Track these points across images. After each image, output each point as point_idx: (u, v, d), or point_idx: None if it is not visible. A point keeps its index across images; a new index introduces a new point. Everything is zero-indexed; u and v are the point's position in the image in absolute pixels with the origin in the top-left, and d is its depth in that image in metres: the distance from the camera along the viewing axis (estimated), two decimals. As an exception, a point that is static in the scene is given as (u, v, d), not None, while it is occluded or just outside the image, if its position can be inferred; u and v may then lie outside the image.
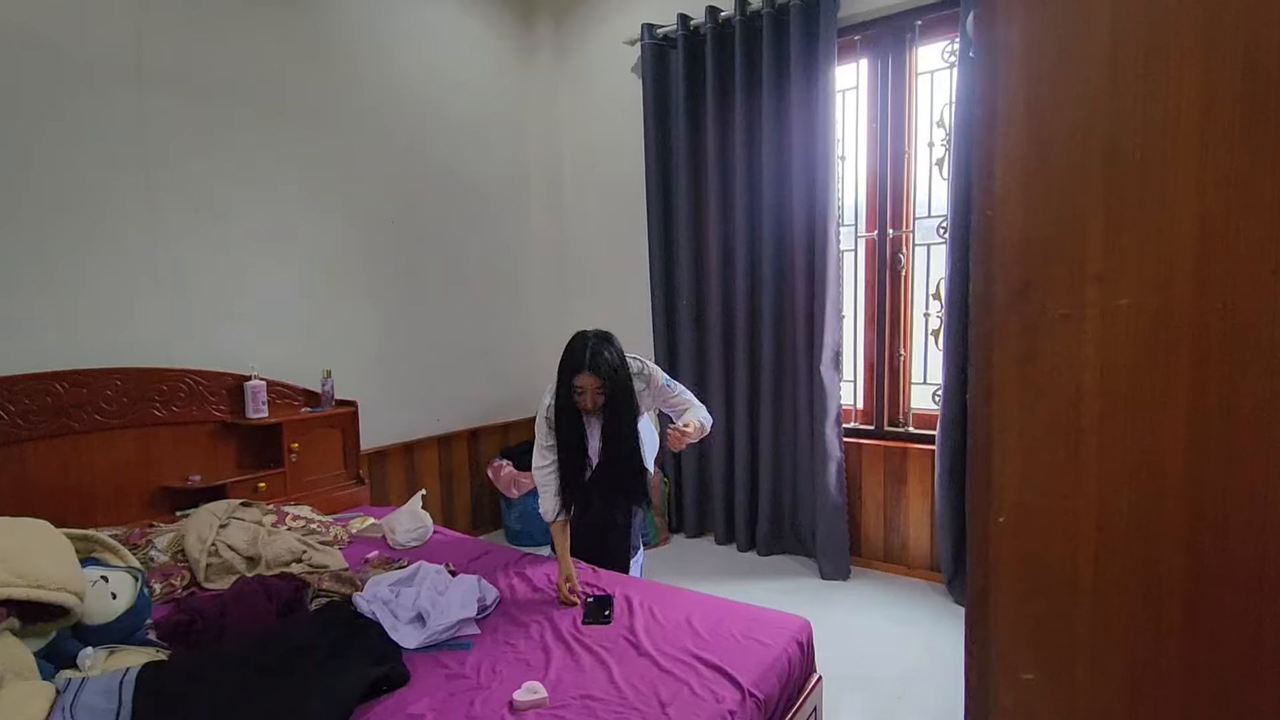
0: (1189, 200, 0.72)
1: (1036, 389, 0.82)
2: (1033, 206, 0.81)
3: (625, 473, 2.14)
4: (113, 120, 2.35)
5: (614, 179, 3.84)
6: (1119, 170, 0.75)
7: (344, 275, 3.09)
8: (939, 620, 2.69)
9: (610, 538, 2.29)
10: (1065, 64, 0.77)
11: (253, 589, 1.81)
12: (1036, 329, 0.82)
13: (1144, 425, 0.77)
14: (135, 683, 1.40)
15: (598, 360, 1.92)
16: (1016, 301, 0.83)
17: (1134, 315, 0.77)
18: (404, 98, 3.31)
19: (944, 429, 2.79)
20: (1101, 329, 0.78)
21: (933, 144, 2.99)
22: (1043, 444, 0.83)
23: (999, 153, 0.81)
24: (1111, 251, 0.77)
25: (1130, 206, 0.75)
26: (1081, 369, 0.80)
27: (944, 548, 2.85)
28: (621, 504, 2.25)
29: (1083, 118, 0.76)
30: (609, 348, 1.97)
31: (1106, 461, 0.79)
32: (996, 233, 0.83)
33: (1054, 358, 0.81)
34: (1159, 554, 0.77)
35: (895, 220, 3.11)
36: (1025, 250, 0.81)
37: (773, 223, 3.21)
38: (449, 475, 3.59)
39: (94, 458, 2.27)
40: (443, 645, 1.70)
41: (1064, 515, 0.82)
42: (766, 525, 3.37)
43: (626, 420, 2.06)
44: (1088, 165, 0.77)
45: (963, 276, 2.71)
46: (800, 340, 3.17)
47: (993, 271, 0.84)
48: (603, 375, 1.92)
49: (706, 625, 1.77)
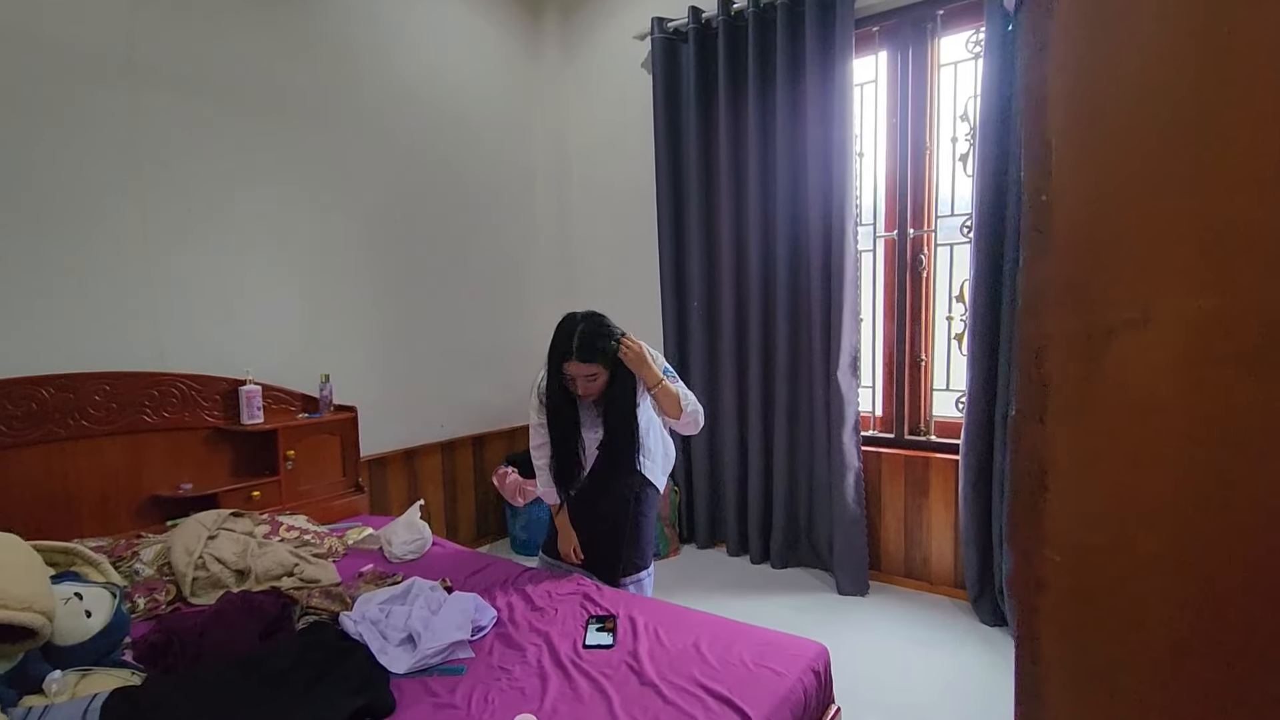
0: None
1: (1100, 407, 0.70)
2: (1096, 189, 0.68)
3: (623, 469, 2.03)
4: (103, 117, 2.28)
5: (623, 178, 3.73)
6: (1205, 145, 0.62)
7: (343, 277, 3.00)
8: (965, 642, 2.54)
9: (615, 542, 2.14)
10: (1139, 13, 0.64)
11: (235, 607, 1.71)
12: (1100, 335, 0.69)
13: (1229, 451, 0.64)
14: (101, 710, 1.30)
15: (587, 346, 1.81)
16: (1075, 303, 0.70)
17: (1218, 319, 0.64)
18: (406, 95, 3.22)
19: (969, 438, 2.64)
20: (1179, 335, 0.65)
21: (956, 139, 2.85)
22: (1107, 471, 0.70)
23: (1055, 125, 0.69)
24: (1192, 243, 0.64)
25: (1217, 189, 0.62)
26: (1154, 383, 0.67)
27: (969, 564, 2.70)
28: (620, 505, 2.09)
29: (1161, 81, 0.63)
30: (601, 330, 1.85)
31: (1184, 494, 0.66)
32: (1054, 221, 0.70)
33: (1121, 370, 0.68)
34: (1252, 608, 0.64)
35: (916, 219, 2.97)
36: (1086, 242, 0.69)
37: (788, 222, 3.08)
38: (452, 482, 3.49)
39: (80, 465, 2.20)
40: (433, 670, 1.60)
41: (1132, 556, 0.69)
42: (781, 537, 3.24)
43: (624, 409, 1.94)
44: (1166, 139, 0.64)
45: (989, 278, 2.57)
46: (816, 344, 3.04)
47: (1047, 268, 0.71)
48: (594, 362, 1.82)
49: (716, 651, 1.64)
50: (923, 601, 2.88)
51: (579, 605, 1.91)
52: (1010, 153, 2.49)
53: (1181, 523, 0.67)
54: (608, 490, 2.07)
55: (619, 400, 1.95)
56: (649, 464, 2.08)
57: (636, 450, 2.01)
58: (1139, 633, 0.70)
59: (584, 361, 1.82)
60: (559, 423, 1.98)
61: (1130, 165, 0.66)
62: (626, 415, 1.98)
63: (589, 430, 2.05)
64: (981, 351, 2.61)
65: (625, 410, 1.97)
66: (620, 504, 2.08)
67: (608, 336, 1.86)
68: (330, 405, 2.79)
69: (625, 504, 2.08)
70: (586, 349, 1.82)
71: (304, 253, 2.85)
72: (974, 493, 2.65)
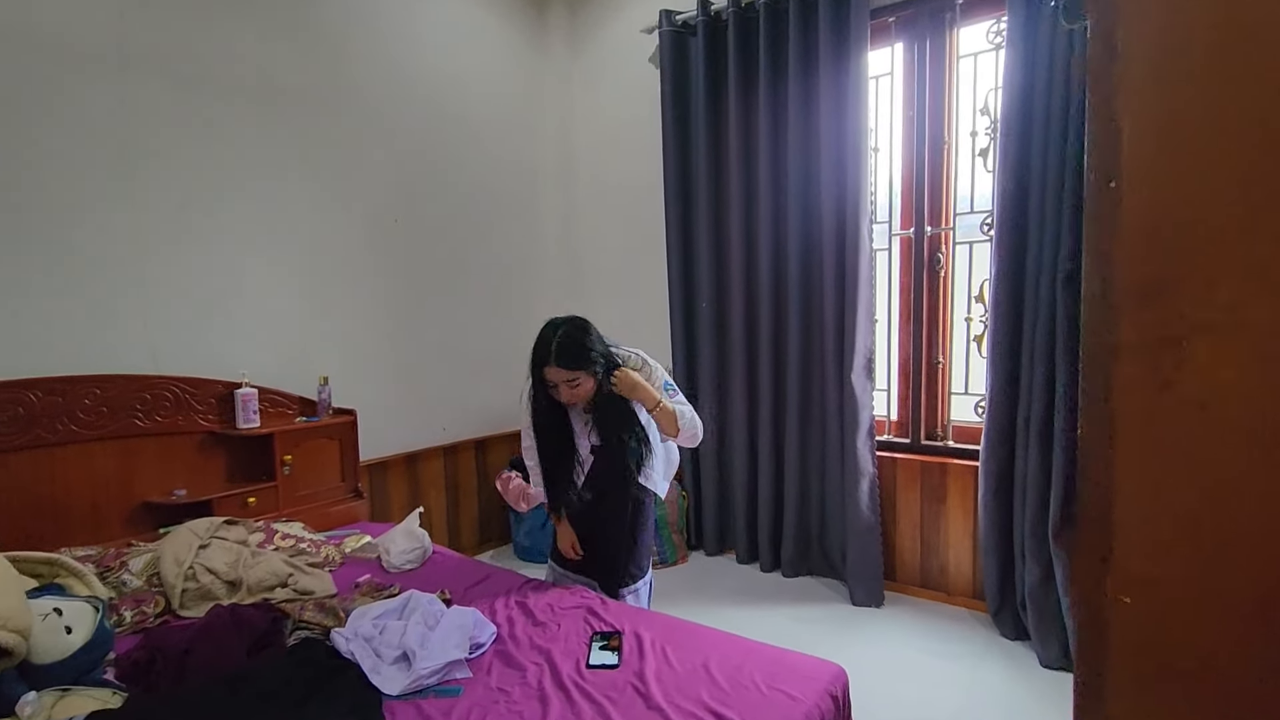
0: None
1: (1178, 425, 0.60)
2: (1174, 174, 0.59)
3: (619, 476, 1.96)
4: (94, 111, 2.21)
5: (630, 176, 3.64)
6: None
7: (343, 277, 2.93)
8: (985, 656, 2.44)
9: (613, 551, 2.07)
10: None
11: (222, 621, 1.63)
12: (1179, 343, 0.60)
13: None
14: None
15: (565, 350, 1.75)
16: (1149, 305, 0.61)
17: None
18: (407, 90, 3.14)
19: (989, 444, 2.54)
20: (1275, 344, 0.56)
21: (976, 133, 2.74)
22: (1184, 499, 0.61)
23: (1128, 95, 0.59)
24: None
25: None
26: (1242, 399, 0.58)
27: (989, 575, 2.59)
28: (617, 511, 2.03)
29: (1263, 45, 0.54)
30: (582, 335, 1.79)
31: (1275, 528, 0.57)
32: (1123, 211, 0.61)
33: (1203, 383, 0.59)
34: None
35: (934, 217, 2.86)
36: (1164, 234, 0.60)
37: (800, 220, 2.98)
38: (455, 487, 3.41)
39: (70, 471, 2.13)
40: (429, 691, 1.51)
41: (1214, 597, 0.60)
42: (792, 545, 3.14)
43: (617, 416, 1.86)
44: (1261, 117, 0.54)
45: (1010, 277, 2.47)
46: (829, 346, 2.94)
47: (1115, 264, 0.62)
48: (574, 368, 1.75)
49: (726, 671, 1.55)
50: (940, 613, 2.78)
51: (582, 620, 1.83)
52: (1034, 147, 2.39)
53: (1272, 561, 0.57)
54: (606, 497, 2.00)
55: (610, 407, 1.87)
56: (649, 471, 2.00)
57: (633, 457, 1.93)
58: (1221, 683, 0.61)
59: (563, 367, 1.75)
60: (549, 435, 1.92)
61: (1221, 143, 0.56)
62: (621, 421, 1.89)
63: (582, 439, 1.97)
64: (1002, 354, 2.50)
65: (618, 416, 1.89)
66: (618, 510, 2.01)
67: (587, 347, 1.78)
68: (329, 408, 2.72)
69: (623, 510, 2.01)
70: (566, 354, 1.75)
71: (302, 252, 2.78)
72: (995, 500, 2.55)
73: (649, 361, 1.97)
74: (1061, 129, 2.30)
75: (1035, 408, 2.40)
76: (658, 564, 3.31)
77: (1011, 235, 2.46)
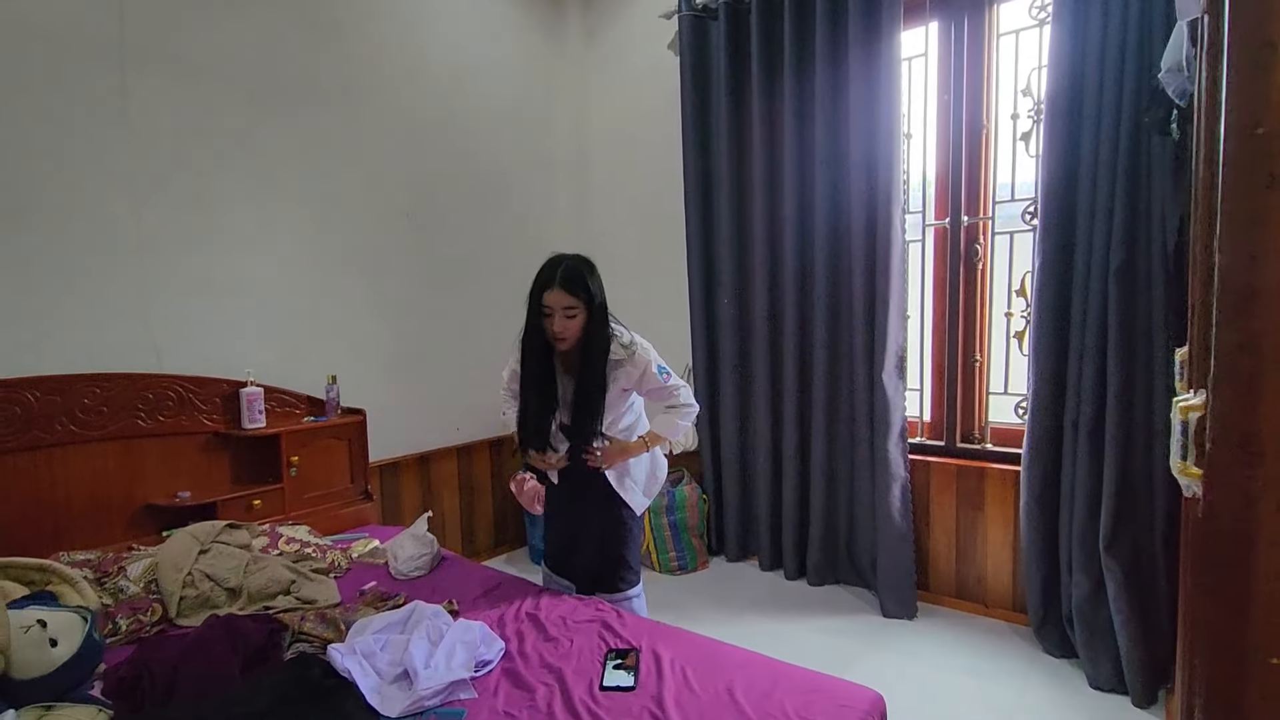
0: None
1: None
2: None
3: (592, 484, 1.95)
4: (93, 103, 2.14)
5: (649, 167, 3.52)
6: None
7: (352, 273, 2.84)
8: (1028, 674, 2.28)
9: (592, 565, 2.02)
10: None
11: (216, 634, 1.54)
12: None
13: None
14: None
15: (570, 275, 1.76)
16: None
17: None
18: (418, 81, 3.05)
19: (1032, 447, 2.37)
20: None
21: (1017, 116, 2.57)
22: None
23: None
24: None
25: None
26: None
27: (1031, 586, 2.43)
28: (593, 527, 2.00)
29: None
30: (587, 270, 1.81)
31: None
32: None
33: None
34: None
35: (971, 206, 2.70)
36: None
37: (827, 211, 2.83)
38: (469, 488, 3.32)
39: (70, 473, 2.06)
40: (429, 712, 1.41)
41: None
42: (818, 551, 2.99)
43: (598, 370, 1.82)
44: None
45: (1056, 268, 2.30)
46: (859, 343, 2.79)
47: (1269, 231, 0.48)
48: (575, 295, 1.75)
49: (753, 698, 1.42)
50: (977, 626, 2.62)
51: (597, 636, 1.71)
52: (1083, 129, 2.22)
53: None
54: (579, 501, 1.99)
55: (590, 380, 1.83)
56: (629, 482, 1.96)
57: (600, 422, 1.86)
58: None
59: (565, 290, 1.75)
60: (534, 376, 1.87)
61: None
62: (592, 409, 1.85)
63: (563, 408, 1.91)
64: (1047, 351, 2.33)
65: (594, 392, 1.84)
66: (592, 520, 1.99)
67: (590, 280, 1.79)
68: (338, 408, 2.63)
69: (598, 521, 1.99)
70: (570, 278, 1.76)
71: (310, 248, 2.70)
72: (1038, 508, 2.38)
73: (638, 340, 1.91)
74: (1114, 107, 2.13)
75: (1085, 409, 2.23)
76: (676, 569, 3.19)
77: (1057, 224, 2.29)
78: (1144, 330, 2.15)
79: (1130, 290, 2.14)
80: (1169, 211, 2.03)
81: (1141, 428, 2.16)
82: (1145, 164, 2.10)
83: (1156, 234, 2.09)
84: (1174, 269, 2.04)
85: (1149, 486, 2.17)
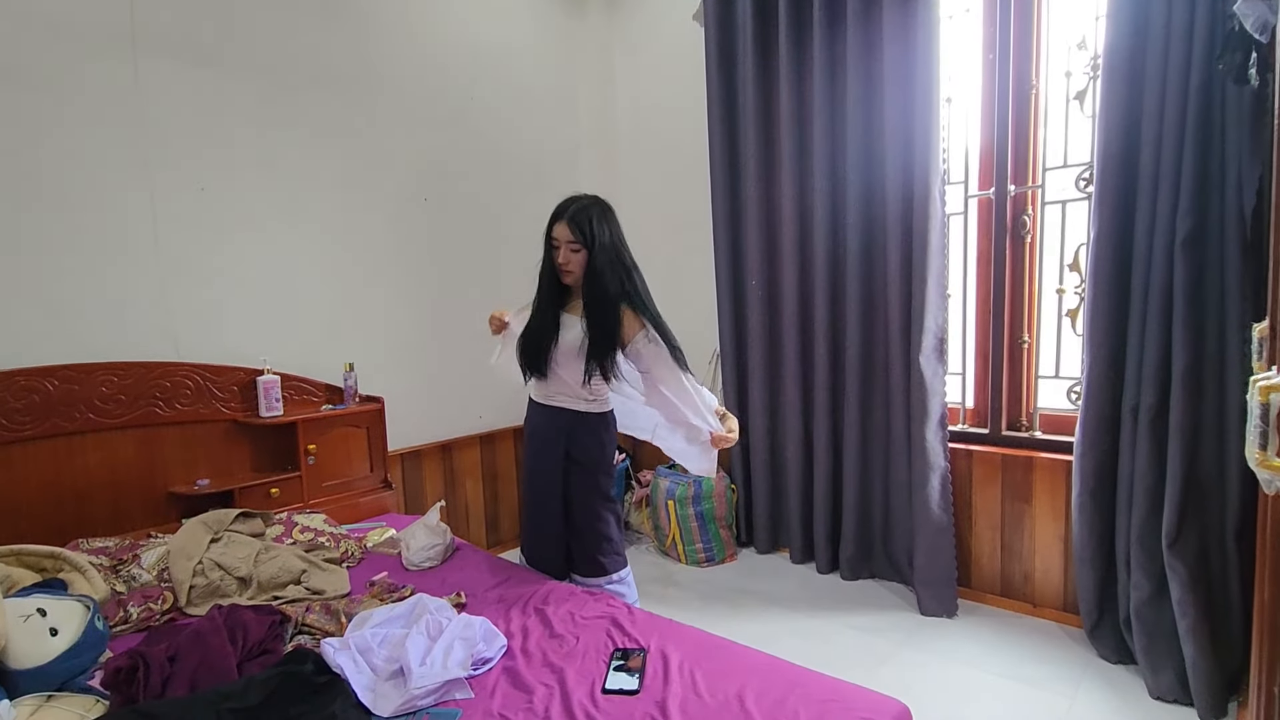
0: None
1: None
2: None
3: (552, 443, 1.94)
4: (105, 91, 2.14)
5: (673, 144, 3.39)
6: None
7: (370, 259, 2.81)
8: (1081, 680, 2.10)
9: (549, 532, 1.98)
10: None
11: (215, 626, 1.51)
12: None
13: None
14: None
15: (578, 214, 1.80)
16: None
17: None
18: (437, 63, 2.98)
19: (1086, 436, 2.18)
20: None
21: (1070, 74, 2.35)
22: None
23: None
24: None
25: None
26: None
27: (1084, 585, 2.24)
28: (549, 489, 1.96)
29: None
30: (601, 212, 1.83)
31: None
32: None
33: None
34: None
35: (1018, 174, 2.49)
36: None
37: (860, 184, 2.66)
38: (493, 477, 3.28)
39: (90, 461, 2.08)
40: (422, 713, 1.35)
41: None
42: (852, 544, 2.85)
43: (603, 318, 1.80)
44: None
45: (1114, 238, 2.09)
46: (895, 324, 2.62)
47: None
48: (577, 232, 1.78)
49: (765, 706, 1.32)
50: (1023, 626, 2.44)
51: (604, 634, 1.62)
52: (1147, 84, 2.00)
53: None
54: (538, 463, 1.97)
55: (596, 303, 1.82)
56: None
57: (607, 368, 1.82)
58: None
59: (569, 227, 1.80)
60: (542, 287, 1.91)
61: None
62: (603, 318, 1.81)
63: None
64: (1104, 329, 2.13)
65: (603, 312, 1.81)
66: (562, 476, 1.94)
67: (600, 223, 1.81)
68: (355, 396, 2.61)
69: (568, 477, 1.93)
70: (576, 217, 1.80)
71: (327, 234, 2.67)
72: (1092, 501, 2.19)
73: (691, 384, 1.85)
74: (1183, 56, 1.90)
75: (1146, 393, 2.02)
76: (704, 561, 3.08)
77: (1116, 190, 2.08)
78: (1215, 304, 1.93)
79: (1199, 260, 1.93)
80: (1246, 170, 1.81)
81: (1212, 412, 1.95)
82: (1218, 117, 1.88)
83: (1231, 196, 1.87)
84: (1251, 235, 1.82)
85: (1219, 479, 1.97)
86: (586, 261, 1.81)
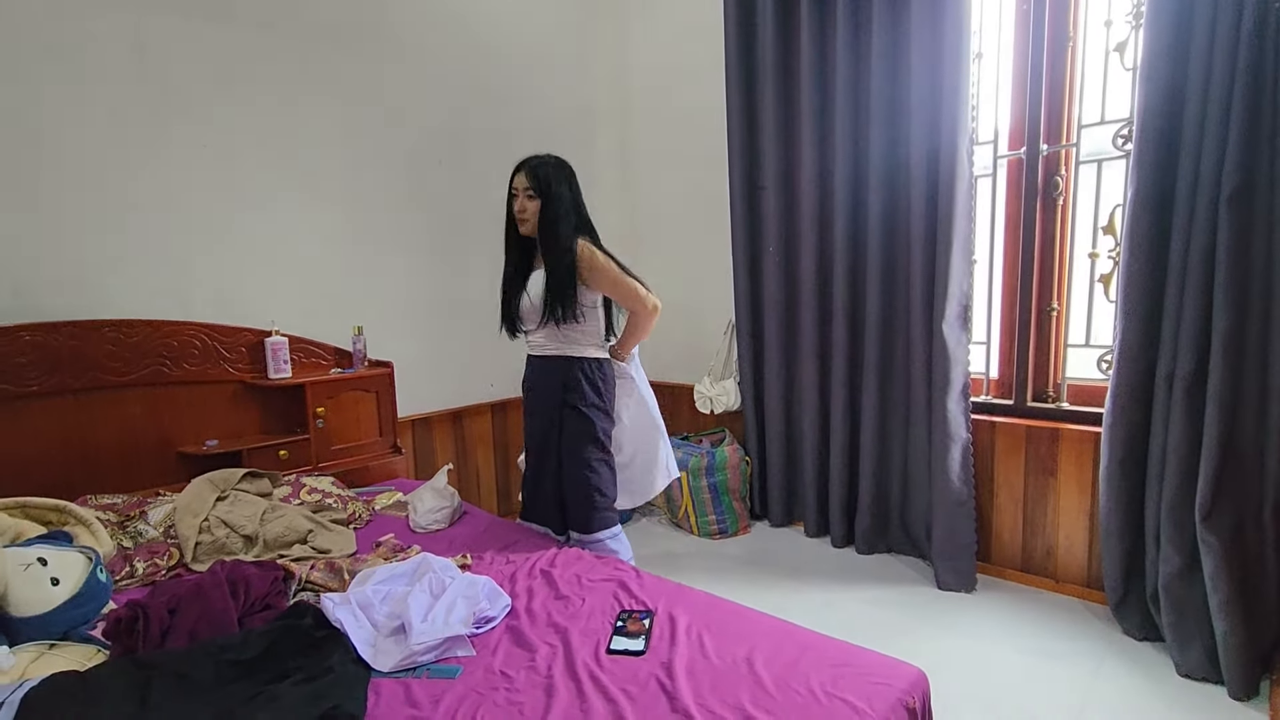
0: None
1: None
2: None
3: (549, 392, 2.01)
4: (108, 47, 2.09)
5: (690, 108, 3.29)
6: None
7: (380, 222, 2.76)
8: (1104, 657, 2.03)
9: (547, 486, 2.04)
10: None
11: (216, 580, 1.49)
12: None
13: None
14: (20, 703, 1.10)
15: (538, 166, 1.94)
16: None
17: None
18: (451, 25, 2.91)
19: (1117, 406, 2.08)
20: None
21: (1110, 23, 2.22)
22: None
23: None
24: None
25: None
26: None
27: (1110, 560, 2.16)
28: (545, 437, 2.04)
29: None
30: (559, 172, 1.96)
31: None
32: None
33: None
34: None
35: (1051, 133, 2.37)
36: None
37: (884, 144, 2.56)
38: (504, 446, 3.25)
39: (97, 418, 2.07)
40: (423, 669, 1.32)
41: None
42: (869, 517, 2.78)
43: (557, 265, 1.91)
44: None
45: (1153, 199, 1.98)
46: (917, 291, 2.52)
47: None
48: (532, 179, 1.92)
49: (775, 670, 1.27)
50: (1045, 602, 2.37)
51: (611, 596, 1.59)
52: (1195, 31, 1.87)
53: None
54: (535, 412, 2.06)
55: (548, 252, 1.93)
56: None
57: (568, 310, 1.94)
58: None
59: (525, 175, 1.93)
60: (508, 264, 2.09)
61: None
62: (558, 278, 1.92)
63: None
64: (1139, 292, 2.02)
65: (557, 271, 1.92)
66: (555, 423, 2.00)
67: (557, 181, 1.93)
68: (364, 360, 2.58)
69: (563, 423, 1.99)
70: (534, 168, 1.93)
71: (336, 194, 2.62)
72: (1120, 472, 2.10)
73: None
74: (1234, 4, 1.78)
75: (1183, 359, 1.92)
76: (716, 533, 3.04)
77: (1157, 147, 1.96)
78: (1261, 266, 1.83)
79: (1247, 220, 1.82)
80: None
81: (1254, 380, 1.85)
82: (1272, 66, 1.76)
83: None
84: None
85: (1259, 450, 1.87)
86: (541, 211, 1.91)
